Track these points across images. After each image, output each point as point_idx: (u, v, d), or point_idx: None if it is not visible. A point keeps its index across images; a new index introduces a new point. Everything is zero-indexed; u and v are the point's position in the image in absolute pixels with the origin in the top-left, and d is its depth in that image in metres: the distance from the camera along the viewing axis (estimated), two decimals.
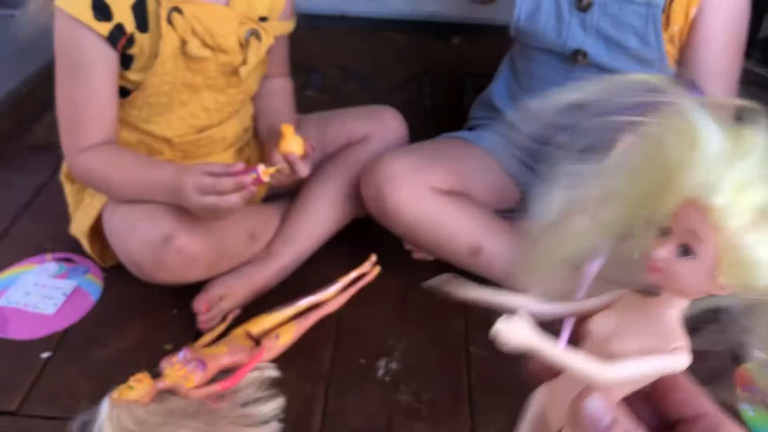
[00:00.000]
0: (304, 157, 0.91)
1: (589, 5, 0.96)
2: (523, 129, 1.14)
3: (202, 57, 0.91)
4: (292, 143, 0.91)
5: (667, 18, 0.94)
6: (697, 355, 0.30)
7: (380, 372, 0.90)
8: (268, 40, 0.98)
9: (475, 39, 1.79)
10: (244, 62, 0.95)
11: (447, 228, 0.97)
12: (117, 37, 0.86)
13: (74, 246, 1.06)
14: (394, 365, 0.91)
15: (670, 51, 0.95)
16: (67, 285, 1.01)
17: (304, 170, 0.91)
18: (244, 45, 0.95)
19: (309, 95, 1.51)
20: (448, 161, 1.01)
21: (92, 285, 1.02)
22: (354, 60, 1.69)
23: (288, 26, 1.03)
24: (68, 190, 1.04)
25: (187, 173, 0.84)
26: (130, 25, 0.87)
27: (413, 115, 1.18)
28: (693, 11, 0.92)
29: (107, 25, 0.85)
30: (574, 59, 0.99)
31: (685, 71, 0.93)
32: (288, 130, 0.92)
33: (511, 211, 1.08)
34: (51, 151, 1.30)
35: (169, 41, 0.89)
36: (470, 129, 1.14)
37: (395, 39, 1.80)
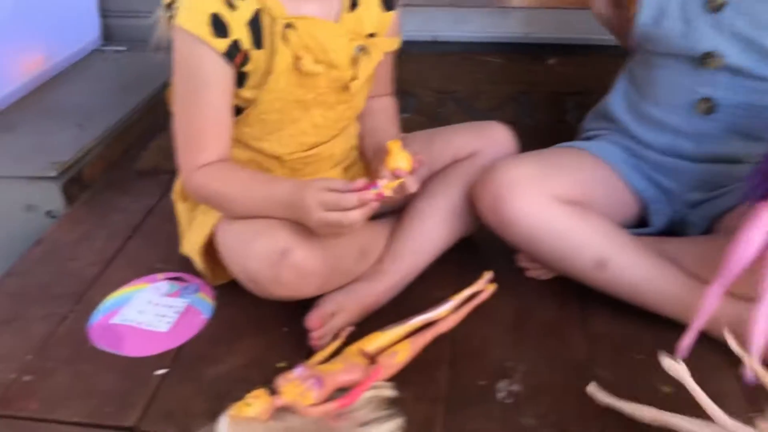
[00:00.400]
0: (412, 172, 0.89)
1: (722, 5, 0.91)
2: (648, 140, 1.08)
3: (315, 72, 0.91)
4: (400, 159, 0.90)
5: None
6: None
7: (501, 394, 0.86)
8: (377, 56, 0.97)
9: (571, 59, 1.75)
10: (354, 78, 0.95)
11: (571, 239, 0.92)
12: (233, 54, 0.87)
13: (184, 266, 1.07)
14: (515, 387, 0.86)
15: None
16: (179, 303, 1.01)
17: (413, 186, 0.88)
18: (353, 61, 0.95)
19: (406, 118, 1.49)
20: (570, 170, 0.97)
21: (204, 303, 1.02)
22: (448, 83, 1.68)
23: (394, 43, 1.03)
24: (180, 208, 1.05)
25: (308, 189, 0.83)
26: (246, 42, 0.88)
27: (517, 135, 1.15)
28: None
29: (224, 42, 0.86)
30: (704, 62, 0.94)
31: None
32: (395, 145, 0.90)
33: (632, 224, 1.03)
34: (158, 175, 1.35)
35: (283, 57, 0.89)
36: (586, 139, 1.10)
37: (489, 61, 1.77)
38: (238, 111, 0.94)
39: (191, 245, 0.99)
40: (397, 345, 0.88)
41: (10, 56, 1.51)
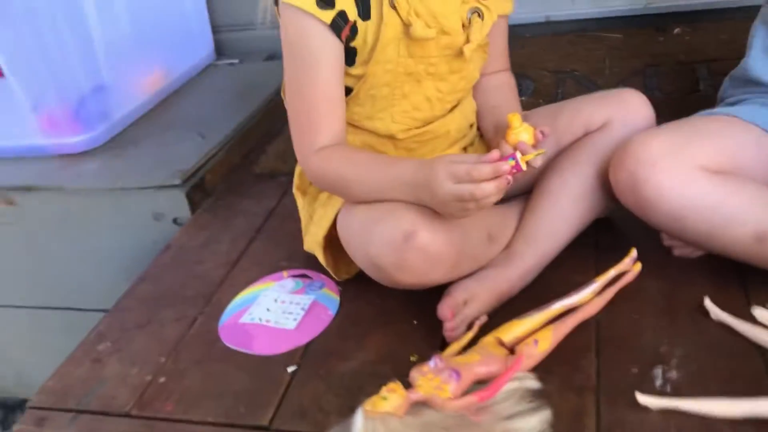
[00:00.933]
0: (536, 145, 0.83)
1: None
2: None
3: (427, 38, 0.87)
4: (521, 132, 0.84)
5: None
6: None
7: (658, 382, 0.77)
8: (491, 18, 0.92)
9: (699, 26, 1.61)
10: (467, 42, 0.89)
11: (724, 212, 0.82)
12: (341, 26, 0.84)
13: (308, 264, 1.05)
14: (673, 374, 0.78)
15: None
16: (305, 300, 0.99)
17: (537, 161, 0.81)
18: (466, 25, 0.90)
19: (524, 101, 1.42)
20: (714, 137, 0.87)
21: (329, 299, 0.99)
22: (565, 63, 1.59)
23: (508, 5, 0.97)
24: (300, 203, 1.03)
25: (437, 163, 0.78)
26: (352, 13, 0.84)
27: None
28: None
29: (330, 13, 0.83)
30: None
31: None
32: (515, 118, 0.84)
33: None
34: (276, 178, 1.35)
35: (391, 25, 0.86)
36: (729, 105, 0.99)
37: (608, 37, 1.67)
38: (348, 91, 0.91)
39: (314, 239, 0.97)
40: (537, 333, 0.82)
41: (132, 75, 1.57)
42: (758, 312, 0.80)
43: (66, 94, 1.41)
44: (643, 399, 0.74)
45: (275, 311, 0.98)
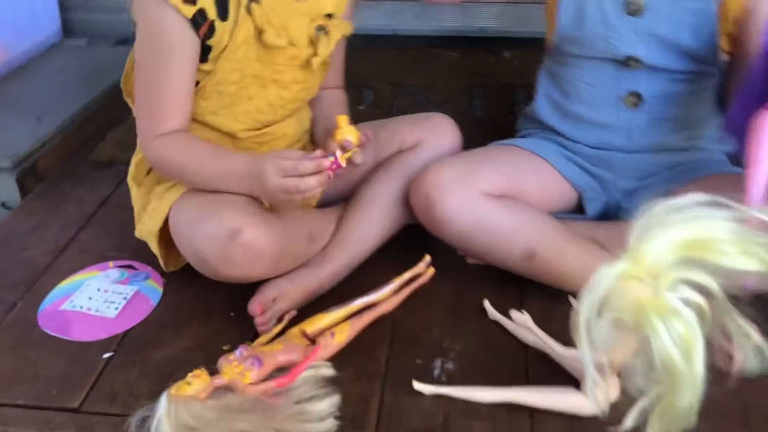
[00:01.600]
0: (360, 146, 0.92)
1: (642, 8, 0.95)
2: (577, 137, 1.13)
3: (278, 46, 0.94)
4: (348, 132, 0.93)
5: (724, 10, 0.92)
6: None
7: (436, 372, 0.89)
8: (335, 37, 1.01)
9: (526, 52, 1.78)
10: (314, 55, 0.98)
11: (499, 233, 0.95)
12: (200, 22, 0.90)
13: (135, 254, 1.10)
14: (450, 365, 0.90)
15: (723, 43, 0.94)
16: (128, 290, 1.03)
17: (359, 158, 0.92)
18: (314, 41, 0.98)
19: (362, 110, 1.52)
20: (498, 165, 1.01)
21: (152, 290, 1.04)
22: (406, 76, 1.71)
23: (349, 27, 1.06)
24: (134, 193, 1.06)
25: (267, 158, 0.87)
26: (211, 12, 0.90)
27: (465, 127, 1.17)
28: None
29: (191, 9, 0.88)
30: (626, 65, 0.98)
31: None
32: (343, 119, 0.94)
33: (568, 212, 1.06)
34: (114, 167, 1.37)
35: (244, 28, 0.92)
36: (521, 138, 1.13)
37: (446, 55, 1.81)
38: (195, 84, 0.96)
39: (147, 229, 1.01)
40: (336, 326, 0.91)
41: None
42: (515, 314, 0.94)
43: None
44: (418, 386, 0.85)
45: (97, 300, 1.01)
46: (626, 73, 0.99)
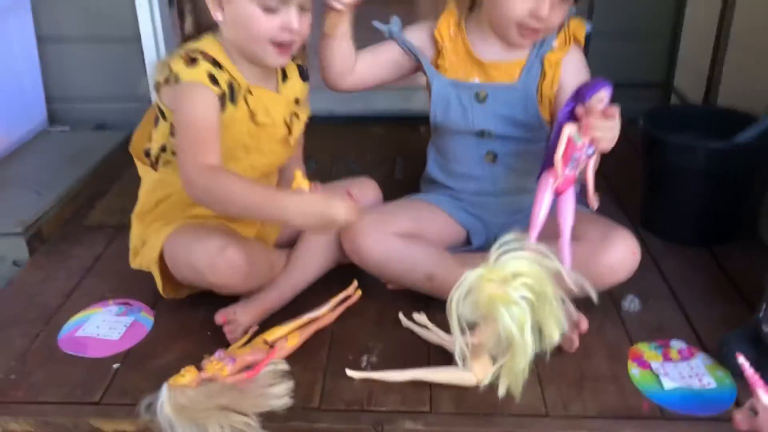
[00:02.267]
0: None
1: (485, 97, 1.35)
2: (460, 188, 1.56)
3: (266, 123, 1.28)
4: (302, 182, 1.25)
5: (540, 94, 1.32)
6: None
7: (363, 364, 1.22)
8: (303, 118, 1.36)
9: None
10: (290, 134, 1.33)
11: (407, 263, 1.31)
12: (222, 100, 1.22)
13: (129, 294, 1.40)
14: (374, 359, 1.23)
15: (545, 114, 1.33)
16: (127, 320, 1.34)
17: None
18: (288, 123, 1.32)
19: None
20: (405, 212, 1.37)
21: (146, 319, 1.35)
22: (341, 149, 2.08)
23: (308, 111, 1.41)
24: (135, 229, 1.36)
25: (317, 198, 1.18)
26: (227, 96, 1.23)
27: (389, 188, 1.53)
28: (555, 87, 1.31)
29: (218, 90, 1.21)
30: (482, 135, 1.37)
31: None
32: (299, 173, 1.25)
33: (460, 246, 1.42)
34: (103, 229, 1.68)
35: (242, 111, 1.26)
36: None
37: (374, 131, 2.20)
38: None
39: (147, 258, 1.31)
40: (289, 334, 1.24)
41: None
42: (417, 316, 1.28)
43: None
44: (350, 373, 1.18)
45: (103, 328, 1.32)
46: (483, 140, 1.37)
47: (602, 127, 1.09)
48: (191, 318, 1.33)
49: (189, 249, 1.23)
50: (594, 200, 1.17)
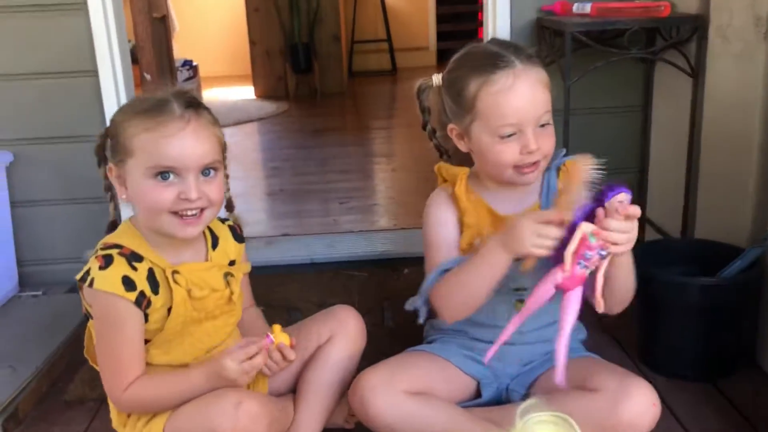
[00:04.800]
0: (291, 346, 1.25)
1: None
2: (481, 337, 1.49)
3: (204, 296, 1.25)
4: (282, 337, 1.24)
5: None
6: None
7: None
8: (239, 276, 1.33)
9: (422, 269, 2.17)
10: (232, 293, 1.29)
11: (419, 422, 1.25)
12: (141, 301, 1.19)
13: None
14: None
15: None
16: None
17: (292, 355, 1.25)
18: (226, 284, 1.29)
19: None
20: (414, 369, 1.32)
21: None
22: (325, 296, 2.04)
23: (247, 266, 1.39)
24: (130, 428, 1.27)
25: (216, 359, 1.19)
26: (147, 291, 1.20)
27: (380, 337, 1.50)
28: None
29: (134, 294, 1.18)
30: (516, 290, 1.33)
31: None
32: (277, 327, 1.24)
33: (470, 398, 1.37)
34: (84, 404, 1.58)
35: (178, 293, 1.22)
36: (429, 343, 1.46)
37: (357, 276, 2.18)
38: (146, 341, 1.24)
39: None
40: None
41: None
42: None
43: None
44: None
45: None
46: (517, 293, 1.34)
47: (620, 229, 1.10)
48: None
49: (205, 417, 1.17)
50: (600, 303, 1.16)
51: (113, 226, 1.30)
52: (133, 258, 1.19)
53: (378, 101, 5.76)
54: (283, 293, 2.10)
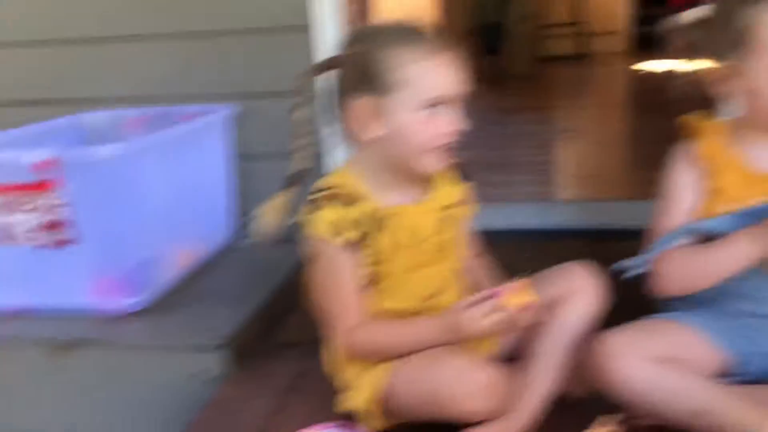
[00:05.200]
0: (532, 307, 1.10)
1: None
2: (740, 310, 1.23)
3: (410, 245, 1.20)
4: (524, 296, 1.09)
5: None
6: None
7: None
8: (454, 223, 1.26)
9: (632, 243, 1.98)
10: (444, 240, 1.23)
11: (673, 393, 1.11)
12: (353, 244, 1.17)
13: (339, 416, 1.26)
14: None
15: None
16: None
17: (532, 318, 1.12)
18: (438, 230, 1.23)
19: None
20: (662, 336, 1.17)
21: None
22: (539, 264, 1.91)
23: (468, 210, 1.29)
24: (349, 373, 1.25)
25: (451, 312, 1.12)
26: (356, 235, 1.17)
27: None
28: None
29: (345, 237, 1.16)
30: None
31: None
32: (522, 283, 1.10)
33: (725, 377, 1.19)
34: (298, 346, 1.59)
35: (388, 237, 1.18)
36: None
37: (572, 244, 2.02)
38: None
39: (363, 398, 1.21)
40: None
41: (173, 251, 1.83)
42: None
43: (122, 264, 1.66)
44: None
45: None
46: None
47: None
48: None
49: (430, 376, 1.12)
50: None
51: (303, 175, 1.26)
52: (348, 201, 1.17)
53: (569, 84, 5.55)
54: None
